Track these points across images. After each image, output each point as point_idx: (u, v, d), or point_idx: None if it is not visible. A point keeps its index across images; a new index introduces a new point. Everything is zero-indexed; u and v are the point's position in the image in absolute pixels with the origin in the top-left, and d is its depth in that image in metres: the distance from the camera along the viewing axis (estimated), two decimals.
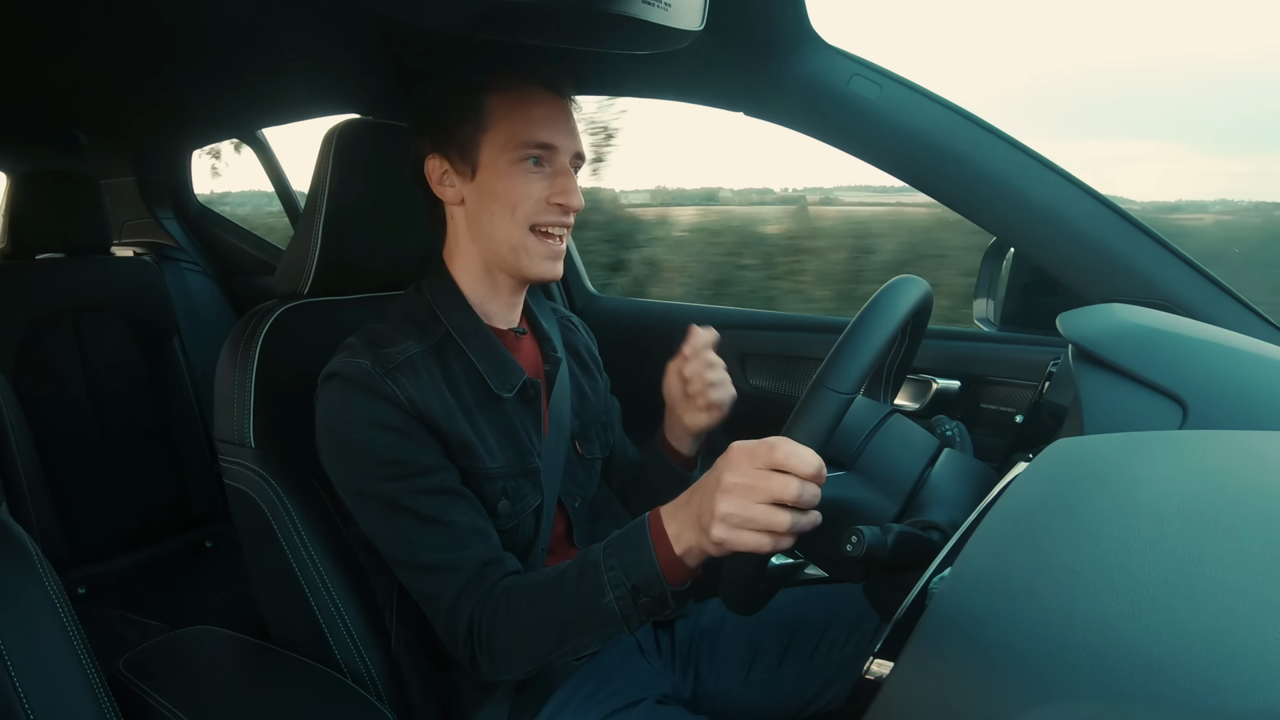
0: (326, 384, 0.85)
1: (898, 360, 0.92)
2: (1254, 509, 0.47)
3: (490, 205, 0.88)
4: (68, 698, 0.77)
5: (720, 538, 0.65)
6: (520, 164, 0.86)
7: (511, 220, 0.87)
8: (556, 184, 0.88)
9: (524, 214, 0.87)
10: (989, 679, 0.41)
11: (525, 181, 0.87)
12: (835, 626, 1.00)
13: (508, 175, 0.87)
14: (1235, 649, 0.35)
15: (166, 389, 2.06)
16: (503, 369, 0.90)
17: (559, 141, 0.87)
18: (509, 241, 0.88)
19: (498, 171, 0.87)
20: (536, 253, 0.89)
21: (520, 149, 0.86)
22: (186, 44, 1.23)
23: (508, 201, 0.87)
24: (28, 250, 1.93)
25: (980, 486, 0.78)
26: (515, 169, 0.86)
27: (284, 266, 1.03)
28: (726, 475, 0.65)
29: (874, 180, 4.36)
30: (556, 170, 0.88)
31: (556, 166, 0.88)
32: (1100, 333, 0.80)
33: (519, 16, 0.72)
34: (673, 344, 0.98)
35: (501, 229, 0.88)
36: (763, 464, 0.64)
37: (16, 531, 0.82)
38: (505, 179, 0.87)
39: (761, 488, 0.63)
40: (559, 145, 0.87)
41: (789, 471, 0.63)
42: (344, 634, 0.91)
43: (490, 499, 0.86)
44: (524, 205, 0.87)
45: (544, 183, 0.88)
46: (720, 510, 0.64)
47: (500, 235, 0.89)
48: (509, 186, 0.87)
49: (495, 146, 0.87)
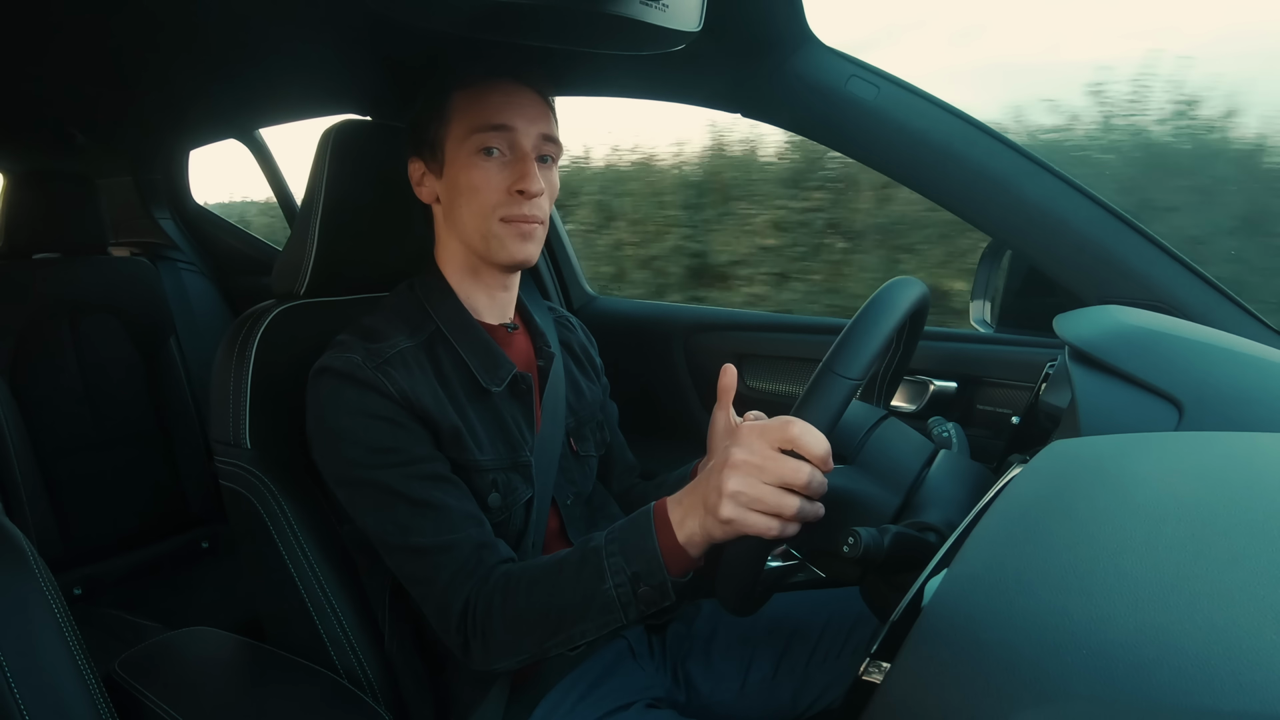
0: (318, 378, 0.85)
1: (893, 364, 0.93)
2: (1250, 510, 0.47)
3: (457, 199, 0.90)
4: (63, 698, 0.77)
5: (729, 516, 0.64)
6: (478, 154, 0.88)
7: (478, 211, 0.89)
8: (515, 169, 0.88)
9: (488, 204, 0.88)
10: (985, 679, 0.41)
11: (484, 171, 0.88)
12: (830, 634, 1.00)
13: (468, 166, 0.88)
14: (1231, 649, 0.35)
15: (163, 389, 2.05)
16: (491, 363, 0.91)
17: (514, 122, 0.88)
18: (479, 231, 0.90)
19: (459, 164, 0.89)
20: (507, 236, 0.89)
21: (475, 135, 0.87)
22: (184, 43, 1.23)
23: (471, 193, 0.88)
24: (24, 250, 1.92)
25: (976, 487, 0.78)
26: (474, 159, 0.88)
27: (280, 267, 1.03)
28: (735, 452, 0.65)
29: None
30: (516, 157, 0.88)
31: (516, 154, 0.88)
32: (1096, 334, 0.81)
33: (517, 17, 0.72)
34: (669, 344, 0.98)
35: (470, 220, 0.89)
36: (774, 442, 0.64)
37: (12, 532, 0.82)
38: (466, 170, 0.88)
39: (771, 469, 0.63)
40: (515, 126, 0.88)
41: (800, 450, 0.63)
42: (339, 634, 0.91)
43: (481, 491, 0.87)
44: (486, 195, 0.88)
45: (504, 171, 0.88)
46: (729, 487, 0.64)
47: (470, 226, 0.90)
48: (469, 178, 0.88)
49: (456, 139, 0.89)
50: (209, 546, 2.05)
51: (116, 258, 2.11)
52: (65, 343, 1.91)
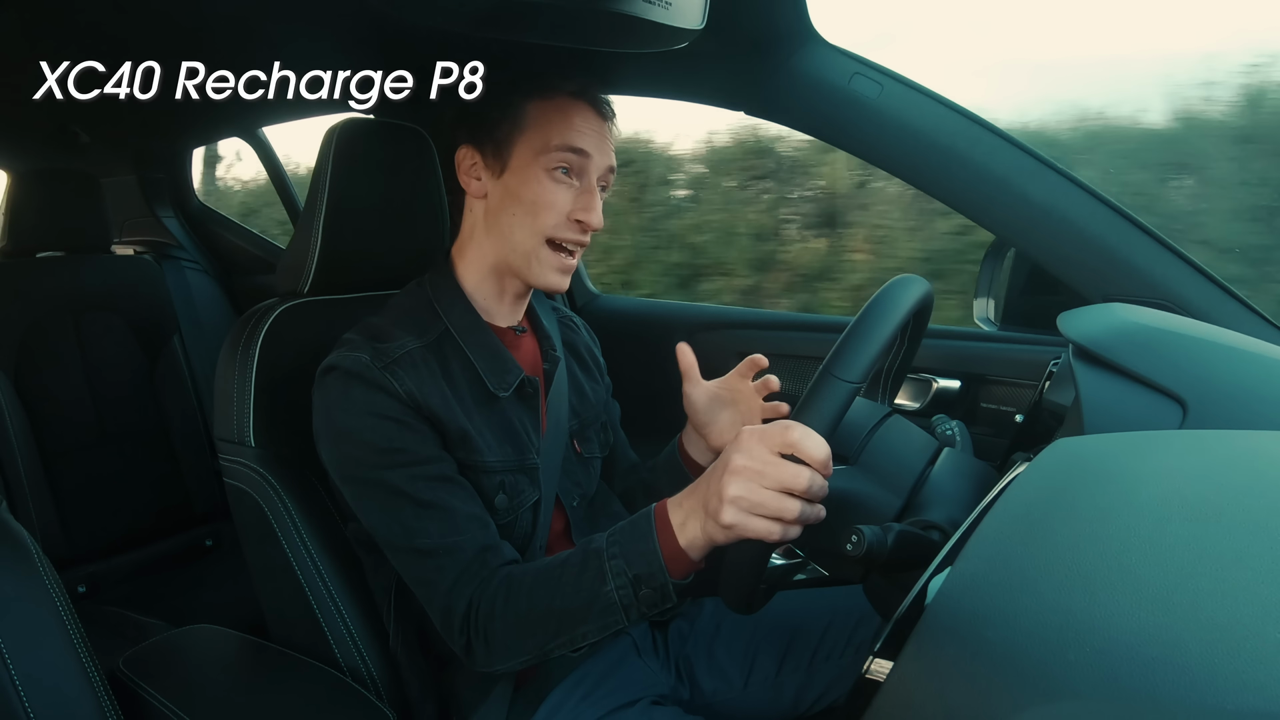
0: (325, 377, 0.85)
1: (897, 362, 0.92)
2: (1253, 508, 0.47)
3: (512, 207, 0.88)
4: (68, 696, 0.78)
5: (730, 521, 0.64)
6: (550, 172, 0.87)
7: (531, 227, 0.88)
8: (581, 200, 0.88)
9: (544, 224, 0.87)
10: (989, 678, 0.41)
11: (552, 190, 0.87)
12: (834, 632, 1.00)
13: (536, 180, 0.87)
14: (1235, 648, 0.35)
15: (167, 387, 2.06)
16: (500, 367, 0.90)
17: (593, 150, 0.88)
18: (523, 247, 0.89)
19: (527, 175, 0.87)
20: (548, 264, 0.89)
21: (554, 153, 0.86)
22: (187, 41, 1.23)
23: (531, 207, 0.87)
24: (28, 249, 1.93)
25: (980, 486, 0.78)
26: (545, 175, 0.87)
27: (284, 265, 1.03)
28: (736, 457, 0.65)
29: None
30: (584, 187, 0.88)
31: (585, 183, 0.88)
32: (1100, 332, 0.80)
33: (520, 14, 0.72)
34: (672, 343, 0.98)
35: (518, 232, 0.88)
36: (775, 446, 0.64)
37: (16, 530, 0.83)
38: (533, 183, 0.87)
39: (772, 474, 0.63)
40: (592, 153, 0.88)
41: (800, 455, 0.63)
42: (343, 632, 0.91)
43: (488, 493, 0.87)
44: (545, 214, 0.87)
45: (569, 195, 0.88)
46: (729, 493, 0.64)
47: (516, 238, 0.89)
48: (535, 192, 0.87)
49: (530, 149, 0.87)
50: (213, 545, 2.06)
51: (120, 256, 2.11)
52: (69, 341, 1.92)
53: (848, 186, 3.10)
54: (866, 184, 3.06)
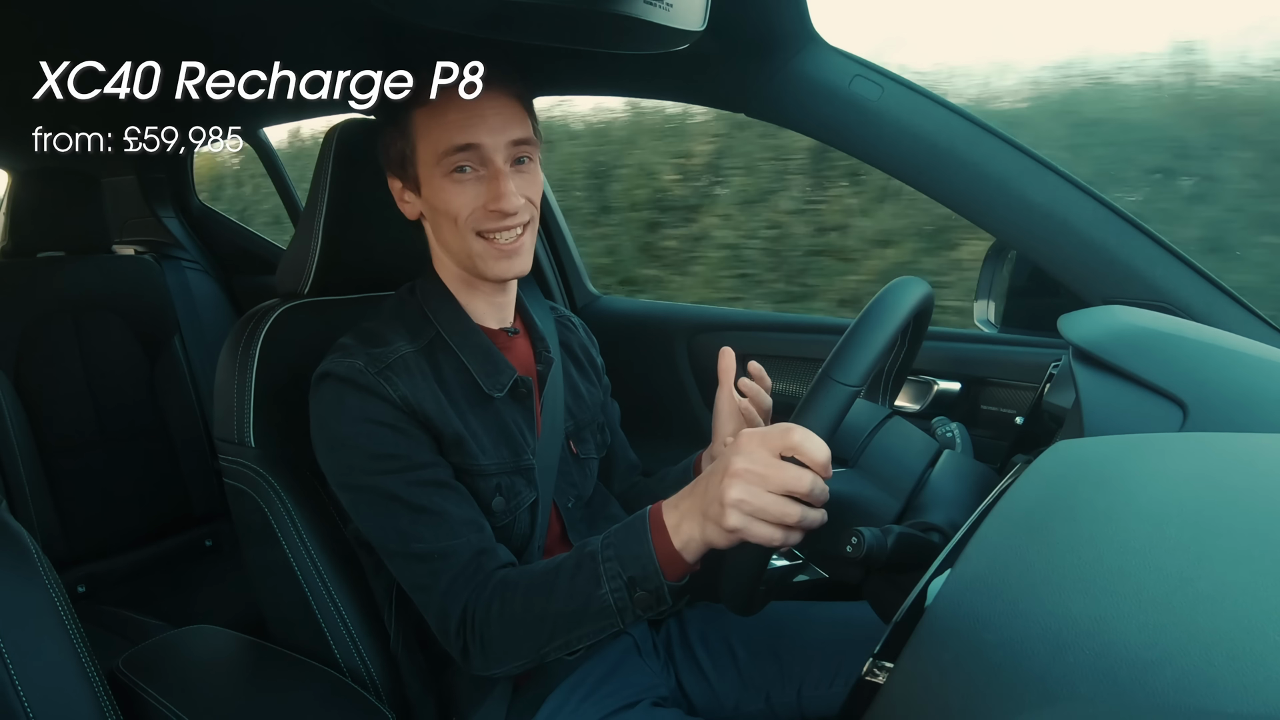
0: (320, 383, 0.85)
1: (897, 363, 0.92)
2: (1253, 511, 0.47)
3: (437, 218, 0.89)
4: (67, 696, 0.77)
5: (734, 525, 0.64)
6: (450, 175, 0.86)
7: (455, 231, 0.87)
8: (491, 189, 0.86)
9: (466, 223, 0.87)
10: (988, 680, 0.41)
11: (458, 192, 0.86)
12: (834, 634, 0.99)
13: (442, 189, 0.86)
14: (1235, 650, 0.35)
15: (167, 387, 2.06)
16: (493, 369, 0.90)
17: (480, 139, 0.85)
18: (462, 249, 0.89)
19: (434, 186, 0.87)
20: (487, 256, 0.88)
21: (444, 159, 0.85)
22: (188, 41, 1.23)
23: (446, 214, 0.87)
24: (28, 249, 1.93)
25: (980, 488, 0.78)
26: (446, 181, 0.86)
27: (284, 266, 1.03)
28: (736, 460, 0.64)
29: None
30: (490, 174, 0.86)
31: (490, 170, 0.86)
32: (1101, 334, 0.80)
33: (520, 15, 0.72)
34: (672, 344, 0.98)
35: (451, 239, 0.89)
36: (775, 449, 0.64)
37: (16, 529, 0.83)
38: (441, 193, 0.86)
39: (774, 477, 0.63)
40: (482, 142, 0.85)
41: (801, 458, 0.63)
42: (343, 633, 0.91)
43: (484, 496, 0.87)
44: (463, 215, 0.86)
45: (478, 188, 0.86)
46: (731, 496, 0.64)
47: (453, 244, 0.89)
48: (445, 200, 0.86)
49: (426, 164, 0.87)
50: (213, 545, 2.06)
51: (121, 256, 2.11)
52: (69, 341, 1.92)
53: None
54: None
